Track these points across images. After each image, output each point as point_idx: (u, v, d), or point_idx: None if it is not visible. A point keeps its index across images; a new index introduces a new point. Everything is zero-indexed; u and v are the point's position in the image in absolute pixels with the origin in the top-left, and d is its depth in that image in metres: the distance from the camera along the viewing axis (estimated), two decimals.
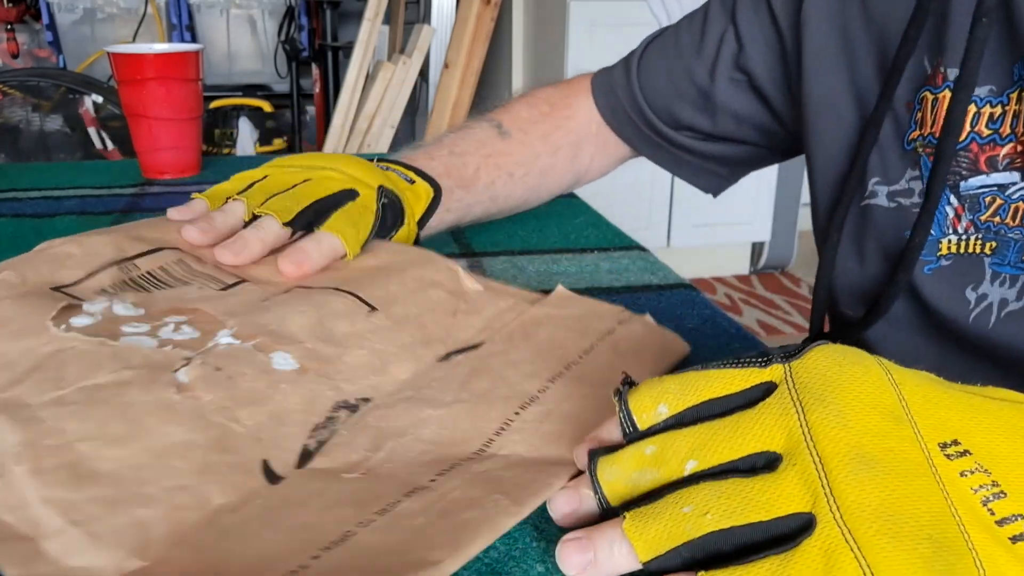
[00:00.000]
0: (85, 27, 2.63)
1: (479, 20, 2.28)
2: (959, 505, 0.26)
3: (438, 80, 2.38)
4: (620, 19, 2.12)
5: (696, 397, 0.30)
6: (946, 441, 0.28)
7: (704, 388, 0.30)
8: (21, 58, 2.64)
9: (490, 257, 0.64)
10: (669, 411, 0.30)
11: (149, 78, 0.82)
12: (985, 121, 0.51)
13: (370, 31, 2.25)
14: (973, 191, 0.52)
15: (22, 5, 2.55)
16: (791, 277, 2.80)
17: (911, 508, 0.26)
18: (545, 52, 2.27)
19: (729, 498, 0.27)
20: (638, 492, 0.29)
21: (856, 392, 0.29)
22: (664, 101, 0.70)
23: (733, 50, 0.66)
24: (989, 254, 0.52)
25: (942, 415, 0.29)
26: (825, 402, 0.28)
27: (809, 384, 0.29)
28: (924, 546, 0.25)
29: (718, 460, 0.28)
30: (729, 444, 0.28)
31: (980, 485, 0.27)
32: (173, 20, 2.62)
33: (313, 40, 2.67)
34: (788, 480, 0.27)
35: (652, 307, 0.55)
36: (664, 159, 0.73)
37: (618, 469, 0.30)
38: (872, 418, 0.28)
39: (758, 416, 0.29)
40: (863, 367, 0.30)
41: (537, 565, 0.30)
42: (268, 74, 2.80)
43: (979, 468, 0.28)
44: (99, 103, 2.02)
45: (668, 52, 0.70)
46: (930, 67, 0.53)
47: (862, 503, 0.26)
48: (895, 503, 0.26)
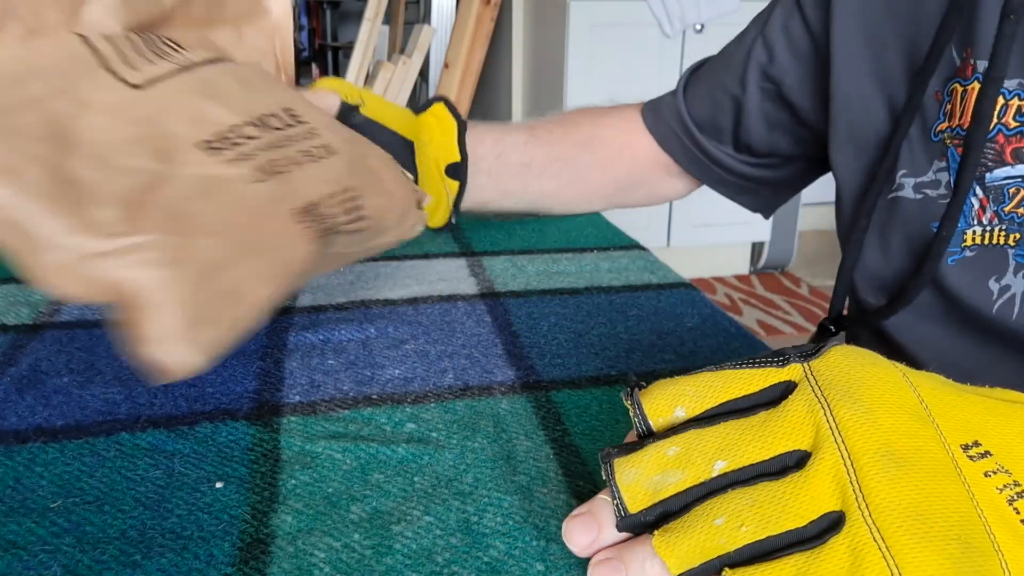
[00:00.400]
0: None
1: (479, 20, 2.28)
2: (984, 506, 0.26)
3: (438, 80, 2.38)
4: (620, 19, 2.12)
5: (714, 399, 0.29)
6: (968, 443, 0.28)
7: (722, 389, 0.29)
8: None
9: (490, 257, 0.64)
10: (687, 414, 0.29)
11: None
12: (1013, 113, 0.51)
13: (370, 31, 2.25)
14: (998, 182, 0.52)
15: None
16: (791, 277, 2.79)
17: (941, 508, 0.25)
18: (545, 52, 2.27)
19: (763, 507, 0.26)
20: (660, 497, 0.28)
21: (881, 391, 0.28)
22: (705, 114, 0.72)
23: (762, 60, 0.68)
24: (1013, 245, 0.52)
25: (961, 417, 0.29)
26: (853, 399, 0.28)
27: (833, 382, 0.29)
28: (953, 547, 0.25)
29: (748, 460, 0.27)
30: (759, 443, 0.27)
31: (1004, 485, 0.27)
32: None
33: (313, 40, 2.67)
34: (819, 479, 0.26)
35: (652, 306, 0.55)
36: (708, 177, 0.75)
37: (638, 472, 0.28)
38: (900, 417, 0.28)
39: (785, 413, 0.28)
40: (883, 367, 0.30)
41: (537, 564, 0.30)
42: None
43: (1001, 469, 0.27)
44: None
45: (708, 71, 0.73)
46: (959, 59, 0.54)
47: (892, 502, 0.25)
48: (924, 502, 0.25)
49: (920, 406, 0.28)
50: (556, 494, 0.35)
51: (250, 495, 0.34)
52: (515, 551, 0.31)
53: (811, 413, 0.28)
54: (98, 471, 0.35)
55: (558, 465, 0.37)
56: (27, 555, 0.30)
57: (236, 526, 0.32)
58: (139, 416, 0.40)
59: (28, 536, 0.31)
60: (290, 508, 0.33)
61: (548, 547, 0.31)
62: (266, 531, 0.32)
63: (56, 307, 0.53)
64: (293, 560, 0.30)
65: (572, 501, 0.34)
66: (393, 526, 0.32)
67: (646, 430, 0.30)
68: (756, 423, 0.28)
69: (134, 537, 0.31)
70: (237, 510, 0.33)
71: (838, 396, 0.28)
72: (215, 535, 0.32)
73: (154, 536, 0.31)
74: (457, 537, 0.32)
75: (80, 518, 0.32)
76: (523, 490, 0.35)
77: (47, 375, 0.44)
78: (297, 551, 0.31)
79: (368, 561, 0.30)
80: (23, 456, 0.36)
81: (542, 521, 0.33)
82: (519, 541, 0.32)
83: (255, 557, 0.30)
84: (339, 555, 0.31)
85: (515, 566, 0.30)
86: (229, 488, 0.34)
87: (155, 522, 0.32)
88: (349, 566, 0.30)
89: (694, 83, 0.74)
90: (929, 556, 0.24)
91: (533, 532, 0.32)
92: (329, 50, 2.56)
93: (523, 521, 0.33)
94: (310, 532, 0.32)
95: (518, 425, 0.40)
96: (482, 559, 0.31)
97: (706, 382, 0.30)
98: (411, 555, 0.31)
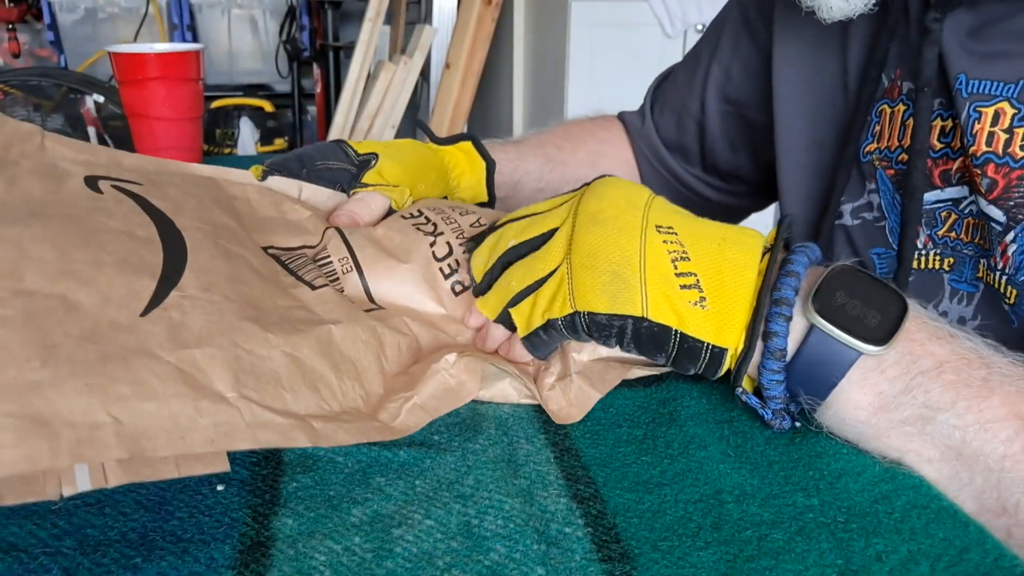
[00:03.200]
0: (86, 27, 2.62)
1: (480, 20, 2.28)
2: (649, 257, 0.38)
3: (439, 80, 2.38)
4: (621, 19, 2.12)
5: (533, 209, 0.44)
6: (663, 225, 0.40)
7: (541, 205, 0.44)
8: (22, 58, 2.64)
9: None
10: (511, 217, 0.45)
11: (150, 78, 0.82)
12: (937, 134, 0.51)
13: (371, 31, 2.25)
14: (929, 206, 0.52)
15: (23, 5, 2.55)
16: None
17: (607, 251, 0.38)
18: (546, 53, 2.27)
19: (526, 266, 0.41)
20: (486, 270, 0.43)
21: (618, 187, 0.42)
22: (673, 136, 0.72)
23: (720, 81, 0.68)
24: (948, 270, 0.52)
25: (671, 216, 0.41)
26: (594, 192, 0.42)
27: (593, 187, 0.43)
28: (605, 276, 0.38)
29: (527, 237, 0.42)
30: (536, 226, 0.42)
31: (673, 251, 0.39)
32: (174, 20, 2.61)
33: (314, 40, 2.67)
34: (555, 243, 0.41)
35: None
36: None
37: (477, 257, 0.44)
38: (617, 202, 0.41)
39: (556, 209, 0.43)
40: (636, 184, 0.43)
41: (538, 567, 0.30)
42: (269, 74, 2.79)
43: (679, 243, 0.39)
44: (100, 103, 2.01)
45: (672, 91, 0.74)
46: (887, 79, 0.54)
47: (581, 246, 0.39)
48: (600, 246, 0.39)
49: (644, 203, 0.41)
50: (557, 497, 0.35)
51: (251, 498, 0.34)
52: (516, 554, 0.31)
53: (571, 207, 0.42)
54: None
55: (559, 468, 0.37)
56: (27, 557, 0.30)
57: (237, 529, 0.32)
58: None
59: (29, 538, 0.31)
60: (291, 511, 0.33)
61: (549, 551, 0.31)
62: (267, 534, 0.32)
63: None
64: (294, 563, 0.30)
65: (573, 504, 0.34)
66: (394, 529, 0.32)
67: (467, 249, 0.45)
68: (540, 216, 0.43)
69: (135, 540, 0.31)
70: (238, 513, 0.33)
71: (588, 193, 0.42)
72: (216, 538, 0.31)
73: (155, 539, 0.31)
74: (458, 540, 0.32)
75: (81, 520, 0.32)
76: (524, 493, 0.35)
77: None
78: (298, 554, 0.31)
79: (369, 564, 0.30)
80: None
81: (543, 524, 0.33)
82: (520, 544, 0.32)
83: (256, 560, 0.30)
84: (340, 558, 0.31)
85: (516, 569, 0.30)
86: (230, 490, 0.34)
87: (156, 524, 0.32)
88: (350, 569, 0.30)
89: (660, 103, 0.75)
90: (588, 279, 0.38)
91: (534, 535, 0.32)
92: (330, 50, 2.55)
93: (524, 524, 0.33)
94: (311, 535, 0.32)
95: (520, 428, 0.40)
96: (483, 562, 0.31)
97: (523, 223, 0.44)
98: (412, 558, 0.31)
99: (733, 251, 0.39)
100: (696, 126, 0.71)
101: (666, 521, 0.33)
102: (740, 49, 0.67)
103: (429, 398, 0.39)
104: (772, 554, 0.32)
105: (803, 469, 0.37)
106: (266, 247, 0.45)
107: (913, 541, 0.32)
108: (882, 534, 0.33)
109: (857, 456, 0.38)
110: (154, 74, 0.82)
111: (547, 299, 0.40)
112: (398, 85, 2.24)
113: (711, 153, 0.71)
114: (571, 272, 0.39)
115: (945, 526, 0.33)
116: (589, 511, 0.34)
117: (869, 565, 0.31)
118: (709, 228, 0.41)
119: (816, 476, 0.37)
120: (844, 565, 0.31)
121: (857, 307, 0.37)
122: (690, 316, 0.38)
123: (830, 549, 0.32)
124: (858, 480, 0.36)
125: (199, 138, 0.88)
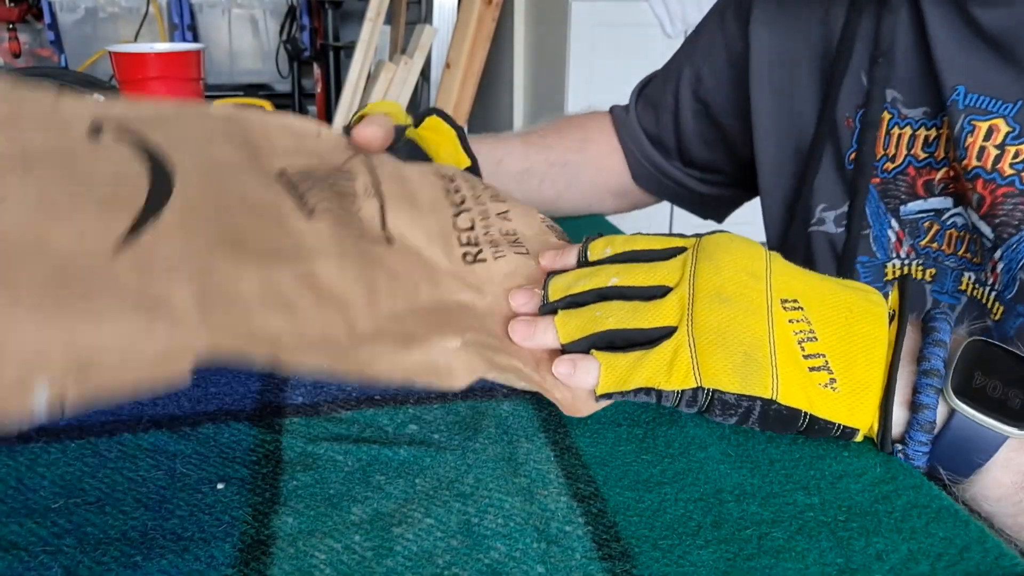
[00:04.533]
0: (87, 27, 2.62)
1: (480, 20, 2.28)
2: (779, 339, 0.37)
3: (439, 80, 2.38)
4: (622, 20, 2.12)
5: (632, 246, 0.42)
6: (787, 298, 0.38)
7: (641, 243, 0.42)
8: (23, 57, 2.64)
9: None
10: (612, 252, 0.42)
11: (151, 77, 0.82)
12: (921, 144, 0.51)
13: (372, 31, 2.25)
14: (912, 216, 0.52)
15: (24, 4, 2.55)
16: None
17: (739, 331, 0.37)
18: (547, 53, 2.27)
19: (628, 311, 0.39)
20: (570, 292, 0.40)
21: (734, 255, 0.40)
22: (653, 130, 0.73)
23: (691, 80, 0.68)
24: (930, 281, 0.52)
25: (793, 284, 0.39)
26: (711, 259, 0.39)
27: (706, 248, 0.40)
28: (738, 357, 0.36)
29: (633, 283, 0.40)
30: (643, 275, 0.40)
31: (800, 330, 0.37)
32: (175, 20, 2.61)
33: (315, 40, 2.67)
34: (668, 304, 0.38)
35: None
36: (663, 192, 0.76)
37: (560, 279, 0.41)
38: (739, 274, 0.39)
39: (668, 262, 0.41)
40: (748, 243, 0.41)
41: (538, 566, 0.30)
42: (270, 74, 2.79)
43: (805, 320, 0.37)
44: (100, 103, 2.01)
45: (653, 88, 0.74)
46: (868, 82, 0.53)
47: (707, 323, 0.37)
48: (729, 326, 0.37)
49: (764, 271, 0.39)
50: (557, 496, 0.35)
51: (251, 496, 0.34)
52: (516, 553, 0.31)
53: (683, 266, 0.40)
54: (100, 472, 0.35)
55: (559, 467, 0.37)
56: (28, 556, 0.30)
57: (237, 527, 0.32)
58: (141, 416, 0.40)
59: (29, 537, 0.31)
60: (291, 509, 0.33)
61: (549, 549, 0.31)
62: (267, 532, 0.32)
63: None
64: (294, 561, 0.30)
65: (573, 503, 0.34)
66: (394, 528, 0.32)
67: (584, 258, 0.43)
68: (648, 265, 0.41)
69: (135, 538, 0.31)
70: (238, 511, 0.33)
71: (703, 257, 0.40)
72: (216, 536, 0.32)
73: (155, 537, 0.31)
74: (458, 539, 0.32)
75: (81, 519, 0.32)
76: (524, 492, 0.35)
77: None
78: (298, 552, 0.31)
79: (369, 563, 0.30)
80: (25, 456, 0.36)
81: (543, 523, 0.33)
82: (520, 543, 0.32)
83: (256, 558, 0.30)
84: (340, 557, 0.31)
85: (516, 568, 0.30)
86: (230, 489, 0.34)
87: (156, 523, 0.32)
88: (350, 568, 0.30)
89: (644, 97, 0.75)
90: (720, 358, 0.36)
91: (534, 534, 0.32)
92: (331, 50, 2.55)
93: (524, 523, 0.33)
94: (311, 533, 0.32)
95: (520, 427, 0.40)
96: (483, 561, 0.31)
97: (632, 238, 0.43)
98: (412, 557, 0.31)
99: (861, 324, 0.38)
100: (672, 121, 0.71)
101: (666, 520, 0.33)
102: (713, 53, 0.67)
103: (412, 364, 0.37)
104: (772, 553, 0.32)
105: (804, 468, 0.37)
106: (281, 170, 0.44)
107: (914, 540, 0.32)
108: (882, 533, 0.33)
109: (858, 457, 0.38)
110: (154, 74, 0.82)
111: (658, 366, 0.37)
112: (398, 85, 2.24)
113: (687, 149, 0.71)
114: (695, 347, 0.37)
115: (946, 525, 0.33)
116: (589, 509, 0.34)
117: (869, 564, 0.31)
118: (835, 296, 0.39)
119: (817, 475, 0.37)
120: (844, 564, 0.31)
121: (998, 388, 0.36)
122: (820, 398, 0.36)
123: (830, 548, 0.32)
124: (859, 480, 0.36)
125: None
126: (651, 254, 0.41)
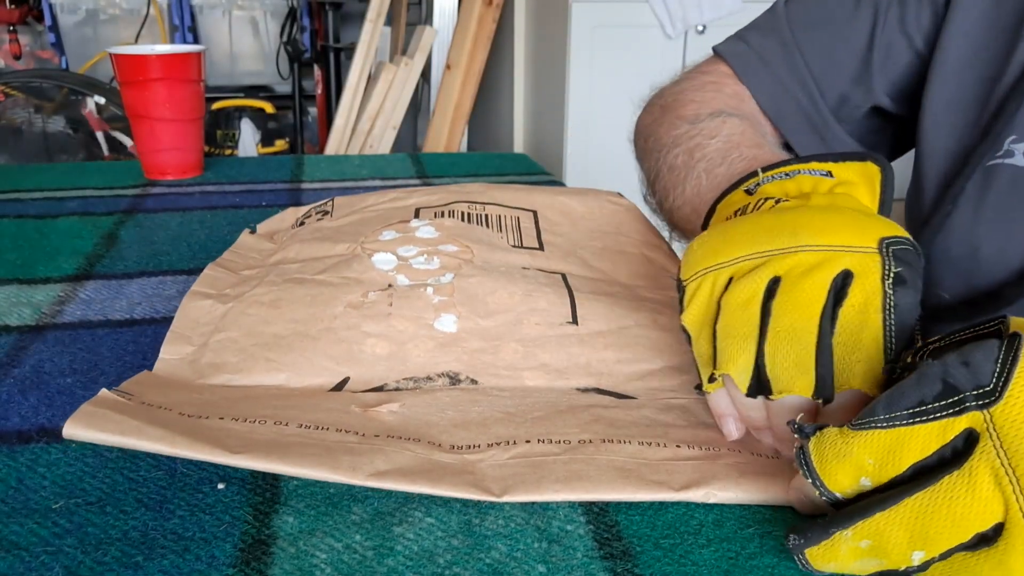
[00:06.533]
0: (88, 28, 2.63)
1: (481, 21, 2.28)
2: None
3: (440, 81, 2.38)
4: (622, 20, 2.12)
5: (896, 467, 0.28)
6: None
7: (903, 454, 0.28)
8: (23, 59, 2.64)
9: None
10: (872, 484, 0.29)
11: (151, 79, 0.82)
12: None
13: (372, 32, 2.25)
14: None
15: (25, 6, 2.55)
16: None
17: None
18: (547, 53, 2.27)
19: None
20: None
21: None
22: (830, 78, 0.62)
23: (897, 14, 0.59)
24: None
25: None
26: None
27: (1017, 442, 0.27)
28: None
29: (945, 547, 0.27)
30: (953, 527, 0.27)
31: None
32: (175, 21, 2.62)
33: (315, 41, 2.67)
34: (1014, 557, 0.26)
35: None
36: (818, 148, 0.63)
37: (837, 565, 0.29)
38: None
39: (973, 488, 0.27)
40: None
41: (539, 566, 0.30)
42: (270, 75, 2.80)
43: None
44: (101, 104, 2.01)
45: (819, 25, 0.62)
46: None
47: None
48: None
49: None
50: None
51: (252, 496, 0.34)
52: (517, 553, 0.31)
53: (999, 486, 0.27)
54: (100, 472, 0.35)
55: None
56: (29, 556, 0.30)
57: (238, 527, 0.32)
58: None
59: (30, 537, 0.31)
60: (292, 509, 0.33)
61: (550, 548, 0.31)
62: (268, 532, 0.32)
63: (58, 308, 0.53)
64: (294, 561, 0.30)
65: (573, 503, 0.34)
66: (395, 527, 0.32)
67: (829, 496, 0.30)
68: (944, 500, 0.27)
69: (136, 538, 0.31)
70: (239, 511, 0.33)
71: (1022, 460, 0.27)
72: (217, 536, 0.31)
73: (156, 537, 0.31)
74: (459, 539, 0.32)
75: (82, 519, 0.32)
76: None
77: (50, 376, 0.44)
78: (299, 552, 0.31)
79: (369, 562, 0.30)
80: (26, 457, 0.36)
81: (544, 522, 0.33)
82: (520, 543, 0.32)
83: (256, 558, 0.30)
84: (340, 556, 0.31)
85: (516, 568, 0.30)
86: (231, 489, 0.34)
87: (157, 523, 0.32)
88: (351, 567, 0.30)
89: (806, 41, 0.62)
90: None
91: (535, 534, 0.32)
92: (331, 51, 2.55)
93: (524, 523, 0.33)
94: (312, 533, 0.32)
95: None
96: (484, 560, 0.31)
97: (884, 445, 0.29)
98: (412, 556, 0.31)
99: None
100: (860, 63, 0.60)
101: (668, 519, 0.33)
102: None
103: None
104: (774, 552, 0.32)
105: None
106: None
107: None
108: None
109: None
110: (155, 75, 0.82)
111: None
112: (399, 86, 2.24)
113: (871, 97, 0.61)
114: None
115: None
116: (591, 508, 0.34)
117: None
118: None
119: None
120: None
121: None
122: None
123: None
124: None
125: (200, 139, 0.89)
126: (929, 461, 0.28)
